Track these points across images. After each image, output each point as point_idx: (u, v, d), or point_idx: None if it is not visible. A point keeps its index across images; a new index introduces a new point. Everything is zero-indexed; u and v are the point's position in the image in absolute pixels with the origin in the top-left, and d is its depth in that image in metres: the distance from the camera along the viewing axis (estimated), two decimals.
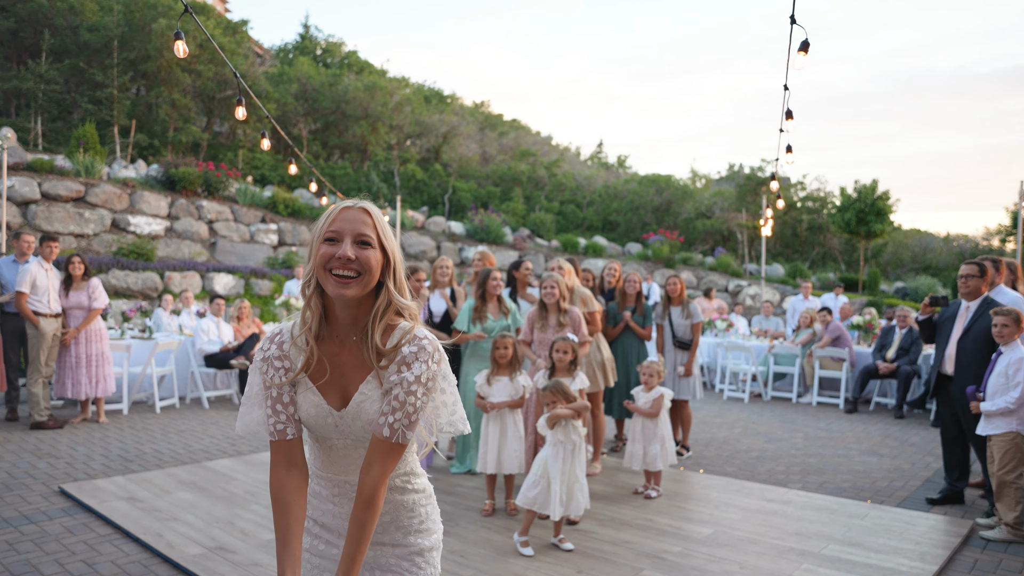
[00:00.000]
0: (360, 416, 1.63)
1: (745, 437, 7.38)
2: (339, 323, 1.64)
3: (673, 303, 6.63)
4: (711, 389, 10.65)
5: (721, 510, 4.85)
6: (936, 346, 5.18)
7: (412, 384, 1.58)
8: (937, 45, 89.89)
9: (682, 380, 6.39)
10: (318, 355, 1.63)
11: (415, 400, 1.59)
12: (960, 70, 75.52)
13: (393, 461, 1.61)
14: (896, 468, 6.14)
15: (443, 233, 18.56)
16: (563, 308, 5.16)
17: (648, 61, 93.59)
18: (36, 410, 6.79)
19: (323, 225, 1.60)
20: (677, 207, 23.02)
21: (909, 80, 77.61)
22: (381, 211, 1.71)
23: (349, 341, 1.64)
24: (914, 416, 8.62)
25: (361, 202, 1.64)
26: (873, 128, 67.71)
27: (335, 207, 1.62)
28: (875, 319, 10.10)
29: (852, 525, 4.55)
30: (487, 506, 4.75)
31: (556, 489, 4.04)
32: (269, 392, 1.67)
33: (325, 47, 28.06)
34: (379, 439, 1.59)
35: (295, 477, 1.69)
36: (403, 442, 1.60)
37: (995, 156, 64.16)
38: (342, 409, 1.65)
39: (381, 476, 1.60)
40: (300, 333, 1.64)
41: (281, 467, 1.68)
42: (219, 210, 15.10)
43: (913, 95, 77.44)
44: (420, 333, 1.63)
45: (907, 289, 16.59)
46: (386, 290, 1.63)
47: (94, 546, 4.03)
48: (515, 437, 4.70)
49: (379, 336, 1.60)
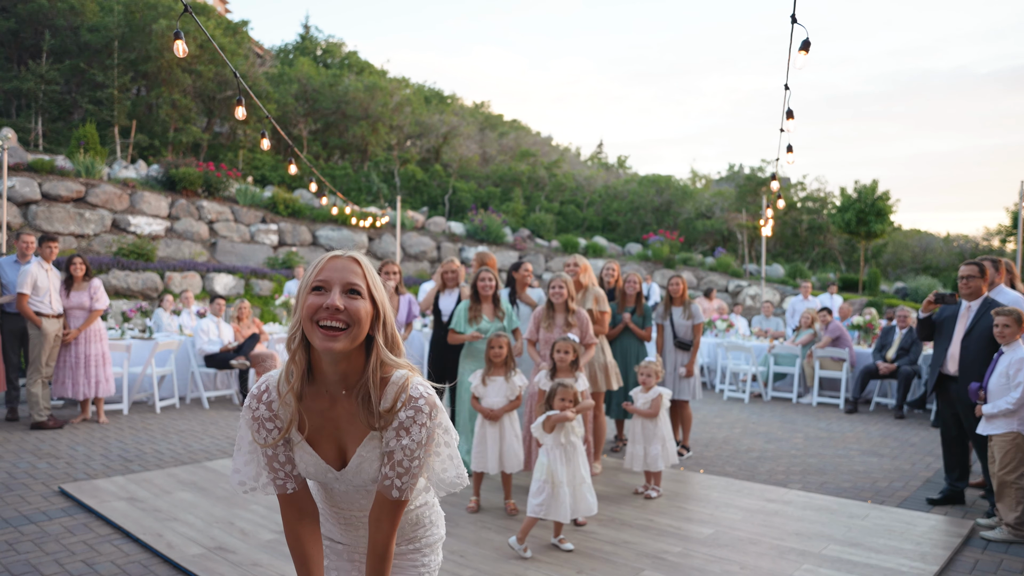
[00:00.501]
0: (360, 475, 1.60)
1: (745, 437, 7.37)
2: (327, 378, 1.54)
3: (675, 303, 6.62)
4: (711, 389, 10.65)
5: (721, 510, 4.85)
6: (936, 345, 5.17)
7: (414, 449, 1.54)
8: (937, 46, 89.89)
9: (682, 380, 6.39)
10: (305, 414, 1.56)
11: (418, 462, 1.56)
12: (960, 70, 75.51)
13: (400, 514, 1.61)
14: (896, 468, 6.14)
15: (443, 233, 18.56)
16: (571, 308, 5.12)
17: (647, 61, 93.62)
18: (36, 410, 6.79)
19: (311, 275, 1.51)
20: (677, 207, 23.03)
21: (909, 80, 77.60)
22: (381, 212, 1.70)
23: (339, 396, 1.55)
24: (914, 416, 8.62)
25: (350, 252, 1.55)
26: (872, 128, 67.72)
27: (323, 257, 1.53)
28: (875, 319, 10.10)
29: (853, 525, 4.55)
30: (472, 503, 4.77)
31: (565, 493, 4.01)
32: (264, 452, 1.60)
33: (325, 47, 28.08)
34: (386, 499, 1.57)
35: (308, 524, 1.67)
36: (408, 498, 1.59)
37: (994, 156, 64.17)
38: (341, 469, 1.60)
39: (391, 531, 1.59)
40: (285, 392, 1.53)
41: (293, 519, 1.66)
42: (219, 210, 15.10)
43: (913, 95, 77.43)
44: (415, 392, 1.53)
45: (907, 289, 16.58)
46: (376, 348, 1.52)
47: (94, 546, 4.03)
48: (513, 436, 4.70)
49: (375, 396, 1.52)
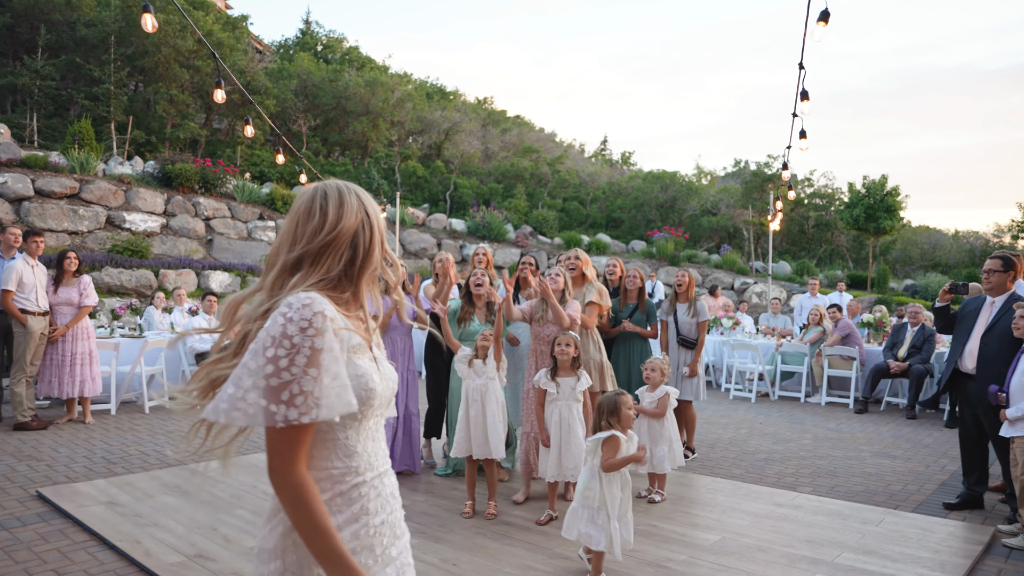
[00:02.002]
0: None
1: (752, 438, 7.14)
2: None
3: (680, 299, 6.39)
4: (717, 388, 10.41)
5: (728, 515, 4.62)
6: (954, 340, 4.93)
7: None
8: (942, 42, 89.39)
9: (685, 380, 6.16)
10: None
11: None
12: (965, 67, 75.05)
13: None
14: (910, 470, 5.90)
15: (444, 230, 18.34)
16: (566, 300, 4.94)
17: (650, 58, 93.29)
18: (19, 410, 6.59)
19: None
20: (682, 204, 22.76)
21: (914, 78, 77.14)
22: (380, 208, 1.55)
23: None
24: (927, 416, 8.37)
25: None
26: (878, 126, 67.38)
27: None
28: (886, 316, 9.84)
29: (866, 532, 4.32)
30: (467, 508, 4.58)
31: (616, 527, 3.43)
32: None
33: (326, 43, 27.86)
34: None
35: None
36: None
37: (1000, 154, 63.75)
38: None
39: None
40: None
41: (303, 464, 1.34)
42: (216, 207, 14.91)
43: (918, 93, 76.97)
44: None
45: (918, 287, 16.31)
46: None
47: (67, 554, 3.82)
48: (497, 420, 4.50)
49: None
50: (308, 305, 1.32)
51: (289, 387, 1.27)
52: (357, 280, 1.48)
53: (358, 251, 1.46)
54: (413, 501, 4.80)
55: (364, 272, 1.49)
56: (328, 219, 1.43)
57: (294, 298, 1.33)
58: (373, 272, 1.51)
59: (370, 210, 1.49)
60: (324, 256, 1.42)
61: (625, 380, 6.08)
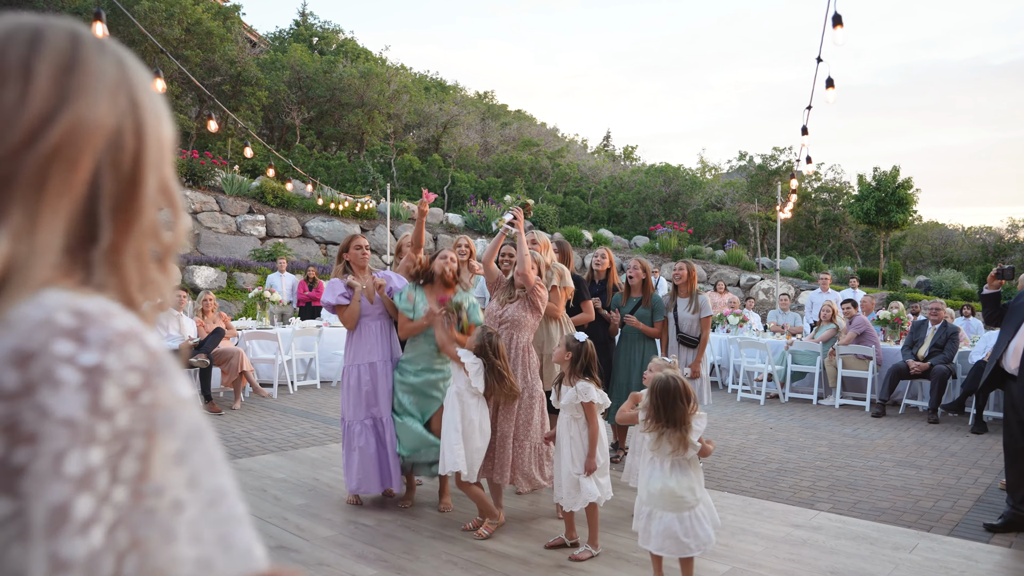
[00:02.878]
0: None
1: (762, 445, 6.55)
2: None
3: (680, 293, 5.81)
4: (723, 390, 9.82)
5: (738, 539, 4.04)
6: (1001, 334, 4.34)
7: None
8: (950, 37, 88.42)
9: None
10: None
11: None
12: (973, 62, 74.20)
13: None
14: (940, 483, 5.31)
15: (440, 225, 17.79)
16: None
17: (653, 55, 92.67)
18: None
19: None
20: (686, 198, 22.16)
21: (921, 73, 76.27)
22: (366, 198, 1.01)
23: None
24: (949, 421, 7.76)
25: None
26: (885, 122, 66.59)
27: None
28: (903, 313, 9.24)
29: (900, 561, 3.73)
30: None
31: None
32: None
33: (321, 35, 27.30)
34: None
35: None
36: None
37: (1010, 150, 62.91)
38: None
39: None
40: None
41: None
42: (203, 200, 14.39)
43: (925, 88, 76.12)
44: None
45: (931, 283, 15.69)
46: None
47: None
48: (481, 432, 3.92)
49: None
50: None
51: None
52: (113, 251, 0.67)
53: (115, 181, 0.66)
54: (379, 521, 4.23)
55: (128, 232, 0.67)
56: (40, 95, 0.63)
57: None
58: (145, 234, 0.69)
59: (141, 97, 0.69)
60: (31, 188, 0.61)
61: (625, 384, 5.52)
